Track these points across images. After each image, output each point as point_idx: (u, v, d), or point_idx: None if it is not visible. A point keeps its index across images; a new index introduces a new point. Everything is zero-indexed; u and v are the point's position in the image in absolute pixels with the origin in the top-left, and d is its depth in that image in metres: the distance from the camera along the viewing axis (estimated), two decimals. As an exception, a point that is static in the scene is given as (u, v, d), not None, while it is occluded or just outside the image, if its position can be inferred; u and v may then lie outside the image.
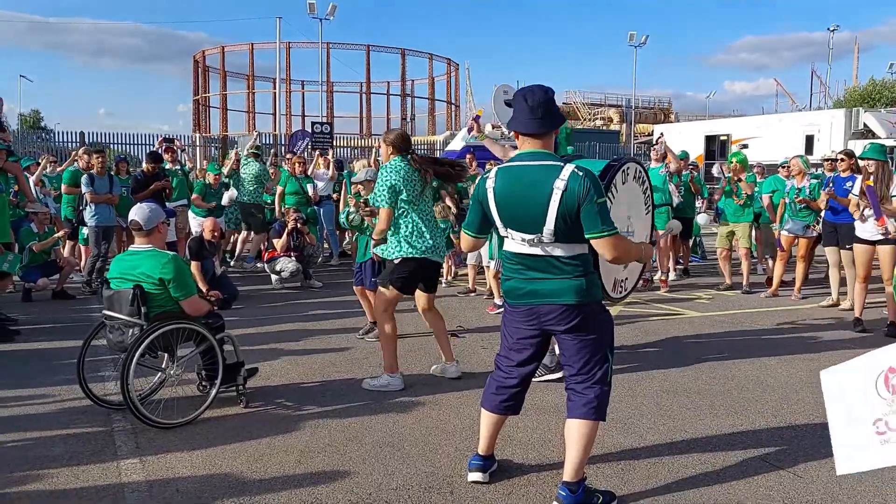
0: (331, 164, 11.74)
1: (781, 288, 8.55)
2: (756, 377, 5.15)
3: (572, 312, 2.98)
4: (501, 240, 3.17)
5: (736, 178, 8.73)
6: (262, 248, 9.91)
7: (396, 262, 4.73)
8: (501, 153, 4.78)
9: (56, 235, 8.11)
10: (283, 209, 10.01)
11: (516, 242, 3.03)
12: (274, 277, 8.99)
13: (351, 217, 5.87)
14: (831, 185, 7.49)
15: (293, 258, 8.93)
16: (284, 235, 8.96)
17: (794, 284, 8.47)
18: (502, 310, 3.41)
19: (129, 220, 4.30)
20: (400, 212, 4.68)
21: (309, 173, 10.93)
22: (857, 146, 15.36)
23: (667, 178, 8.83)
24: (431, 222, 4.84)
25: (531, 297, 3.03)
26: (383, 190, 4.62)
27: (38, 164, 9.92)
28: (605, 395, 3.09)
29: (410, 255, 4.68)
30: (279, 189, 10.45)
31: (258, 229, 10.36)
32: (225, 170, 10.79)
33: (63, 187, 9.05)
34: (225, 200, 9.97)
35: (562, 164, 2.93)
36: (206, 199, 9.80)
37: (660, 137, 7.71)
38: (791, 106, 59.32)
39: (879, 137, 20.45)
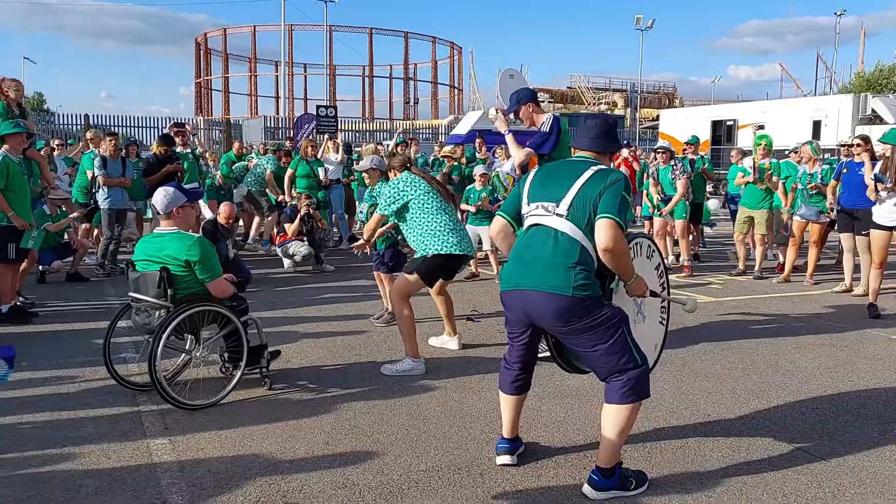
0: (340, 148, 11.72)
1: (793, 274, 8.56)
2: (774, 362, 5.17)
3: (559, 304, 2.93)
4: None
5: (762, 159, 8.62)
6: (274, 232, 9.95)
7: (428, 256, 4.90)
8: (516, 153, 4.95)
9: (71, 216, 8.11)
10: (294, 194, 10.02)
11: (532, 214, 3.12)
12: (287, 261, 9.01)
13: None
14: (846, 170, 7.50)
15: (305, 242, 8.94)
16: (297, 220, 8.96)
17: (805, 270, 8.48)
18: None
19: (152, 204, 4.31)
20: (429, 211, 4.95)
21: (319, 156, 10.92)
22: (866, 132, 15.29)
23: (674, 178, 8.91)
24: (456, 219, 5.07)
25: (521, 279, 3.05)
26: (391, 197, 4.97)
27: (48, 144, 9.94)
28: (640, 375, 3.02)
29: (439, 252, 4.88)
30: (289, 171, 10.45)
31: (268, 211, 10.57)
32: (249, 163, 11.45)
33: (88, 173, 8.99)
34: (236, 198, 10.42)
35: (604, 165, 3.15)
36: (212, 199, 10.33)
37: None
38: (796, 91, 59.14)
39: (888, 123, 20.34)
